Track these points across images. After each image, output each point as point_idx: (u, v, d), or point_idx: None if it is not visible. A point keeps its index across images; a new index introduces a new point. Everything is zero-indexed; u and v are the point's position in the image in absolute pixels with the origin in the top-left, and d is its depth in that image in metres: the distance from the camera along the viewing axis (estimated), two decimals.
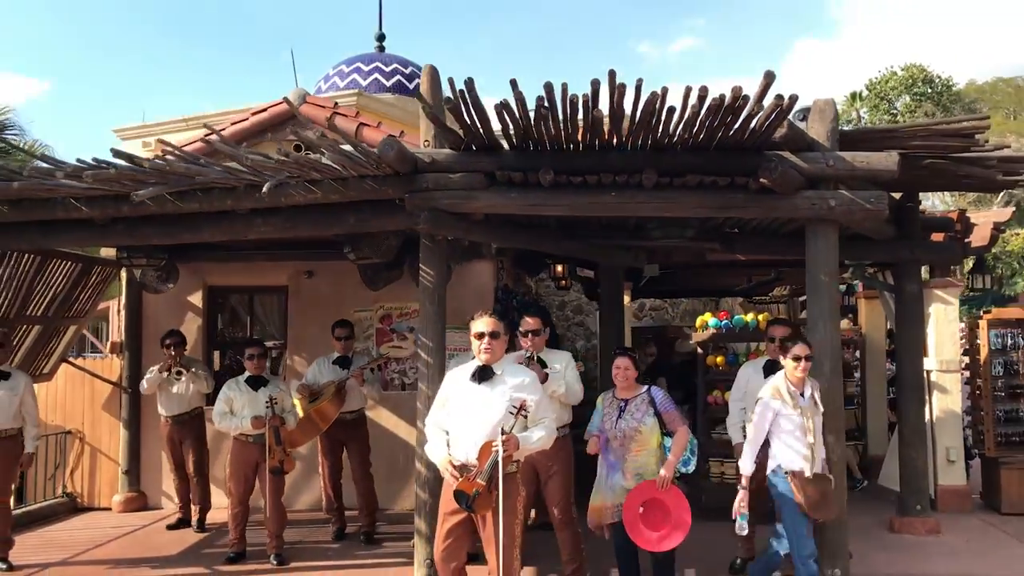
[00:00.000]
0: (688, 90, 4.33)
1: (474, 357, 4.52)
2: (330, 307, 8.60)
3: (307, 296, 8.72)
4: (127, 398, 8.64)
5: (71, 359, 8.93)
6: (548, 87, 4.47)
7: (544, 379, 5.26)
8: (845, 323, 10.50)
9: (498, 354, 4.47)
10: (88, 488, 8.79)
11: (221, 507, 7.86)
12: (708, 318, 8.19)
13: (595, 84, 4.38)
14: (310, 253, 8.51)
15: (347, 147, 5.16)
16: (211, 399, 7.40)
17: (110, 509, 8.54)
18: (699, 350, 8.26)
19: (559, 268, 10.06)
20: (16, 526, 7.33)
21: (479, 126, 5.02)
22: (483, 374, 4.42)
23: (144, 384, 7.57)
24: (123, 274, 8.81)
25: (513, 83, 4.43)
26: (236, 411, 6.39)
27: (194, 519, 7.68)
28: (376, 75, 24.46)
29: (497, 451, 4.17)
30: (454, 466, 4.32)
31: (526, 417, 4.31)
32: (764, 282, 11.66)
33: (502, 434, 4.20)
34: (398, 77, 23.93)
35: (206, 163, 4.99)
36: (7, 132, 14.38)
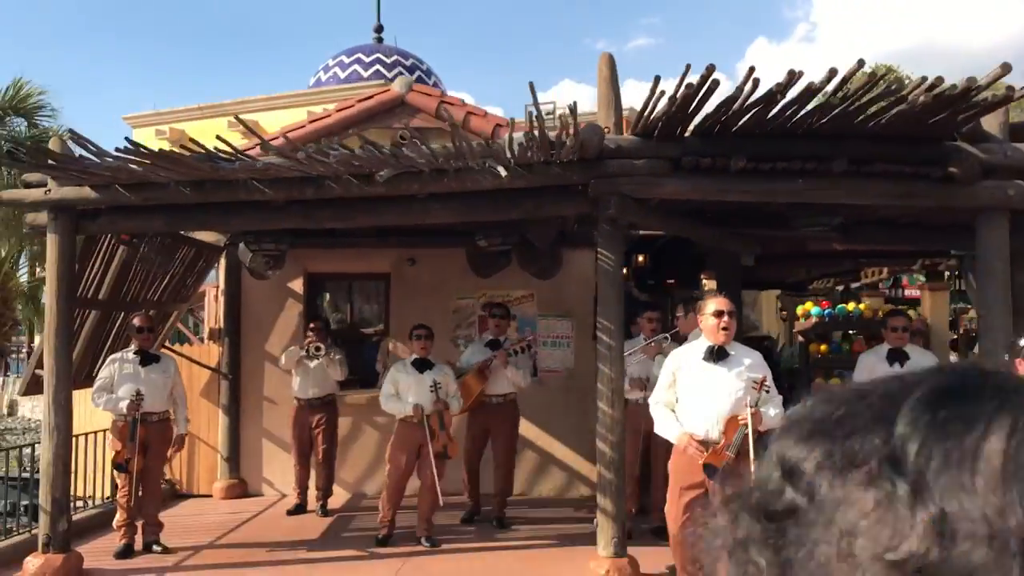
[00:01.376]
0: (923, 80, 4.50)
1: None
2: (432, 294, 8.68)
3: (409, 283, 8.77)
4: (226, 384, 8.62)
5: (168, 346, 8.88)
6: (751, 71, 4.59)
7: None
8: (912, 313, 10.80)
9: (732, 333, 4.61)
10: (187, 475, 8.75)
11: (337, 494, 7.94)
12: (810, 307, 8.41)
13: (793, 75, 4.52)
14: (413, 240, 8.57)
15: (518, 135, 5.26)
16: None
17: (210, 496, 8.52)
18: (800, 338, 8.48)
19: (640, 259, 10.20)
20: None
21: (672, 112, 5.13)
22: (719, 354, 4.55)
23: (282, 359, 7.62)
24: (222, 260, 8.80)
25: (711, 68, 4.51)
26: (401, 393, 6.44)
27: (316, 504, 7.70)
28: (377, 66, 24.48)
29: (746, 424, 4.31)
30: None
31: (768, 392, 4.46)
32: (832, 273, 11.91)
33: (748, 408, 4.35)
34: (399, 68, 24.01)
35: (427, 148, 5.03)
36: (41, 115, 14.18)
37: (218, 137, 4.99)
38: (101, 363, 6.88)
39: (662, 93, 4.64)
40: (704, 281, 8.99)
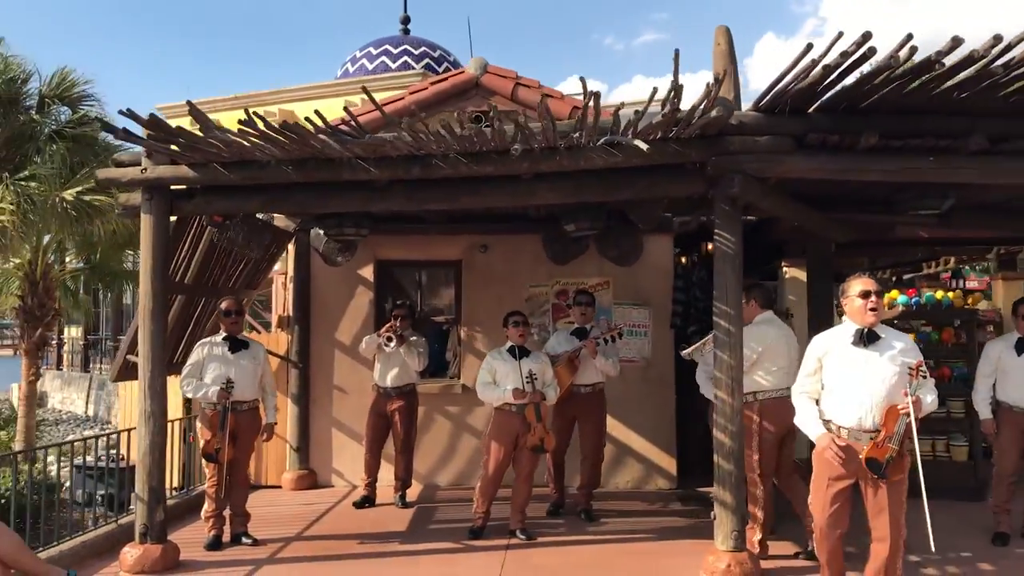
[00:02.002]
0: None
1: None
2: (504, 281, 8.48)
3: (481, 270, 8.56)
4: (296, 373, 8.44)
5: None
6: (908, 37, 4.35)
7: None
8: (984, 303, 10.54)
9: (881, 314, 4.38)
10: (256, 466, 8.55)
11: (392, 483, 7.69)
12: (896, 295, 8.17)
13: (956, 41, 4.27)
14: (485, 226, 8.37)
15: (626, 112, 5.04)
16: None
17: (279, 487, 8.34)
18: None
19: (710, 247, 9.94)
20: (197, 507, 7.14)
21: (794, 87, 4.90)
22: (869, 337, 4.32)
23: (362, 345, 7.43)
24: (291, 246, 8.61)
25: (868, 33, 4.28)
26: (498, 381, 6.23)
27: (394, 495, 7.51)
28: (405, 57, 24.30)
29: (908, 413, 4.09)
30: (838, 440, 4.25)
31: (925, 378, 4.24)
32: (894, 264, 11.66)
33: (908, 396, 4.12)
34: (427, 60, 23.81)
35: (550, 124, 4.81)
36: (84, 103, 14.00)
37: (316, 112, 4.77)
38: (184, 350, 6.71)
39: (812, 63, 4.39)
40: (784, 269, 8.76)
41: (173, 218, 5.93)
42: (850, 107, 5.13)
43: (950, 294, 8.09)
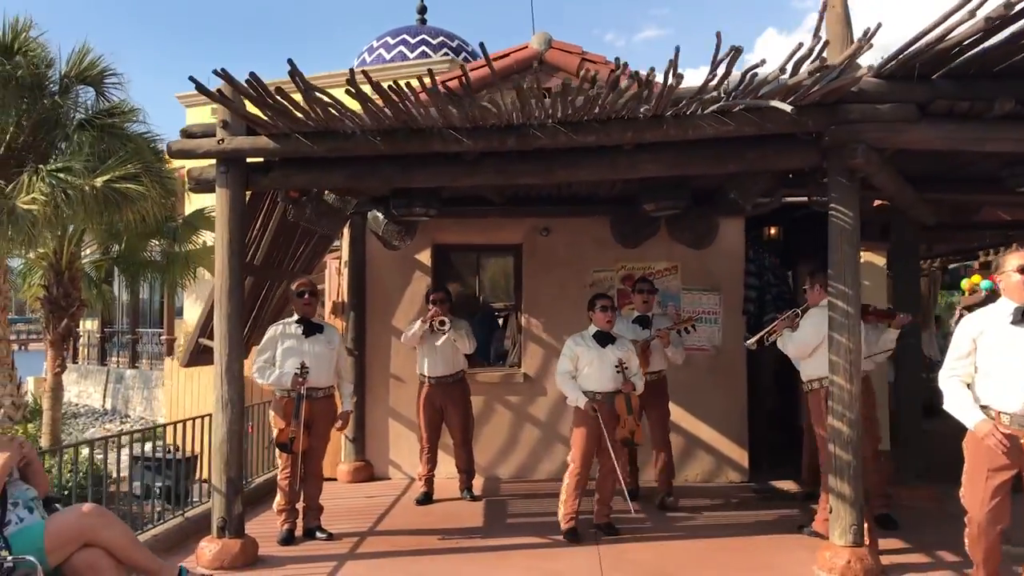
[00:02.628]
0: None
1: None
2: (567, 266, 8.15)
3: (543, 255, 8.22)
4: (351, 361, 8.09)
5: None
6: None
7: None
8: None
9: None
10: None
11: (450, 475, 7.37)
12: (978, 280, 7.85)
13: None
14: (547, 209, 8.04)
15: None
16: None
17: (335, 479, 8.00)
18: (964, 312, 7.92)
19: (773, 231, 9.63)
20: (256, 500, 6.85)
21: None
22: None
23: (406, 335, 7.04)
24: (346, 230, 8.27)
25: None
26: (581, 369, 5.85)
27: (462, 488, 7.18)
28: (423, 47, 23.94)
29: None
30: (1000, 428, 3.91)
31: None
32: (954, 252, 11.28)
33: None
34: (445, 49, 23.45)
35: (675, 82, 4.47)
36: (108, 83, 13.61)
37: (429, 71, 4.44)
38: (251, 335, 6.38)
39: (969, 15, 4.05)
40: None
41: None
42: (980, 71, 4.81)
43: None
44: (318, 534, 5.84)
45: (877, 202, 7.78)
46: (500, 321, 9.29)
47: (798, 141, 5.17)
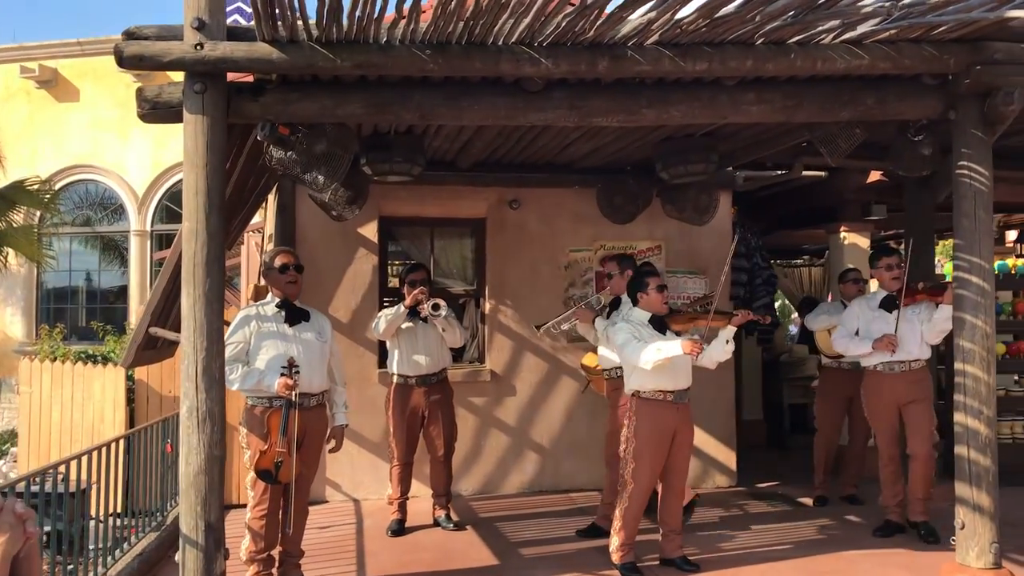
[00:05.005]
0: None
1: None
2: (540, 245, 7.05)
3: (511, 231, 7.02)
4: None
5: None
6: None
7: None
8: None
9: None
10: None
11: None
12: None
13: None
14: (516, 178, 6.87)
15: None
16: None
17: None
18: None
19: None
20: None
21: None
22: None
23: (380, 325, 5.64)
24: (271, 197, 6.69)
25: None
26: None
27: (439, 513, 5.85)
28: None
29: None
30: None
31: None
32: None
33: None
34: None
35: None
36: None
37: None
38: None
39: None
40: (843, 234, 7.82)
41: None
42: None
43: (1020, 261, 7.47)
44: None
45: (874, 177, 7.22)
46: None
47: (923, 86, 4.33)
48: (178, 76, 3.76)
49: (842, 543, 5.28)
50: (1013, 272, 7.32)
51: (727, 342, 4.73)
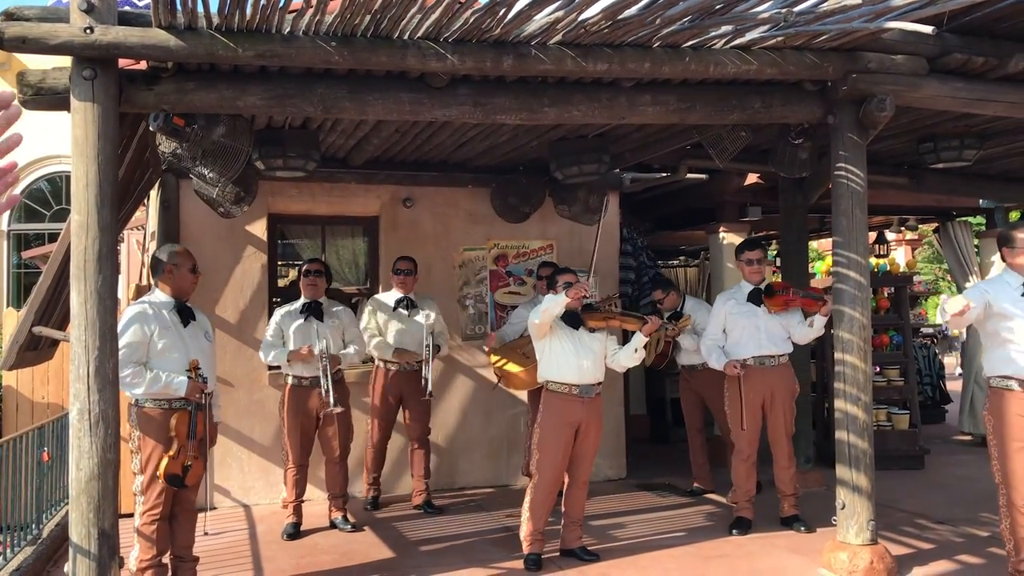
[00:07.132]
0: None
1: None
2: (434, 243, 7.03)
3: (405, 230, 6.98)
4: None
5: None
6: None
7: None
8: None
9: None
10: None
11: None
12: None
13: None
14: (410, 176, 6.86)
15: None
16: None
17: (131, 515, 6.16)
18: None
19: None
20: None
21: None
22: None
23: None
24: (154, 193, 6.42)
25: None
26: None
27: (336, 515, 5.76)
28: None
29: None
30: None
31: None
32: None
33: None
34: None
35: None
36: None
37: None
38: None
39: None
40: (722, 234, 8.15)
41: None
42: (985, 29, 4.54)
43: (882, 260, 7.99)
44: None
45: (751, 179, 7.55)
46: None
47: (805, 92, 4.60)
48: (63, 61, 3.58)
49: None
50: (876, 271, 7.81)
51: (636, 350, 4.84)
